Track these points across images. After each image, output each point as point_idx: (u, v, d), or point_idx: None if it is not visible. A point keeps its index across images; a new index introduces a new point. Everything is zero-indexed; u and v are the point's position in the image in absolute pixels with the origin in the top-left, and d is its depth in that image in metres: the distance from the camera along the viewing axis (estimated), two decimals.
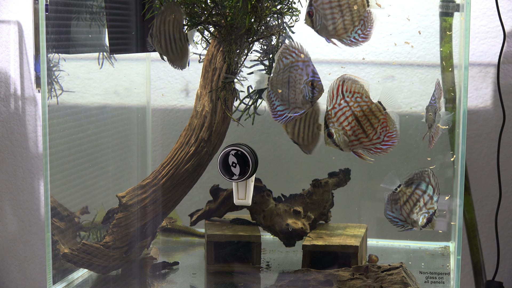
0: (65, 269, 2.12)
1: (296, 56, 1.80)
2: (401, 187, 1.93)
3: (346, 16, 1.76)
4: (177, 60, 1.92)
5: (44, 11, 1.96)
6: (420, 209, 1.90)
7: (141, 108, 2.54)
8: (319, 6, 1.76)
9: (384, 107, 1.79)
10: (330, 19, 1.77)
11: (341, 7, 1.76)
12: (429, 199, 1.90)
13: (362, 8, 1.77)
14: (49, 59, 2.06)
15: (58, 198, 2.13)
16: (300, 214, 2.22)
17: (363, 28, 1.78)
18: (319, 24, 1.77)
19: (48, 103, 2.02)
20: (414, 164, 2.27)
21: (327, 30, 1.77)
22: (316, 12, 1.76)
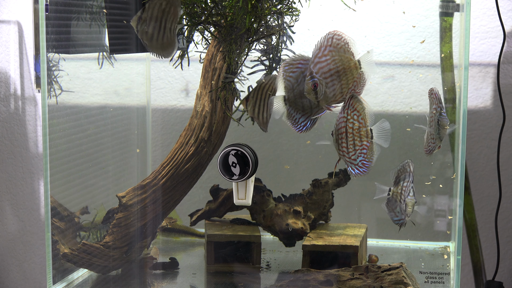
0: (65, 269, 2.12)
1: (303, 65, 1.82)
2: (391, 189, 1.94)
3: (343, 81, 1.81)
4: (159, 49, 1.90)
5: (44, 11, 1.96)
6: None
7: (141, 108, 2.54)
8: (321, 76, 1.81)
9: (372, 135, 1.86)
10: (331, 86, 1.81)
11: (339, 73, 1.81)
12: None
13: (355, 70, 1.82)
14: (49, 59, 2.06)
15: (58, 198, 2.13)
16: (300, 214, 2.22)
17: (356, 89, 1.84)
18: (321, 94, 1.81)
19: (48, 103, 2.02)
20: (414, 164, 2.27)
21: (328, 97, 1.82)
22: (319, 83, 1.81)
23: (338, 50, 1.81)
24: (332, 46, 1.81)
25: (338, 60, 1.81)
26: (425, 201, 2.29)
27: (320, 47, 1.80)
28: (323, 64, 1.80)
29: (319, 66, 1.80)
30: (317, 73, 1.80)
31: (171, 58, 1.95)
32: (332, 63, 1.81)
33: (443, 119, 1.94)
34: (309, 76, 1.81)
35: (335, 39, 1.81)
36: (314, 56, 1.81)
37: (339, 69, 1.81)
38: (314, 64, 1.80)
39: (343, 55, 1.82)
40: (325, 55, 1.81)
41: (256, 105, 1.93)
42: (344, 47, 1.81)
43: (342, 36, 1.81)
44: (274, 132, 2.49)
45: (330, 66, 1.80)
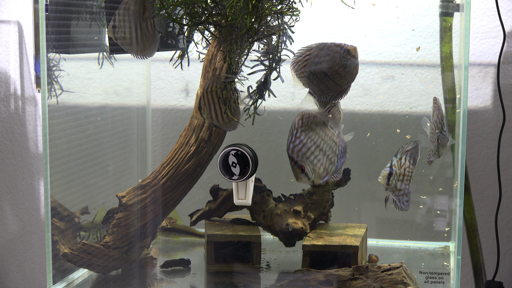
0: (65, 269, 2.12)
1: (312, 53, 1.85)
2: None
3: (328, 152, 1.85)
4: (142, 49, 1.90)
5: (44, 11, 1.96)
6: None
7: (141, 108, 2.54)
8: (302, 158, 1.83)
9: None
10: (317, 163, 1.84)
11: (320, 147, 1.85)
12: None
13: (334, 137, 1.87)
14: (49, 59, 2.06)
15: (58, 198, 2.13)
16: (300, 214, 2.22)
17: (342, 150, 1.89)
18: (311, 173, 1.84)
19: (48, 103, 2.02)
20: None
21: (320, 174, 1.85)
22: (305, 165, 1.83)
23: (310, 127, 1.84)
24: (303, 126, 1.84)
25: (314, 135, 1.84)
26: (425, 201, 2.29)
27: (292, 132, 1.83)
28: (299, 147, 1.83)
29: (297, 150, 1.82)
30: (297, 157, 1.83)
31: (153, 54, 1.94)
32: (308, 141, 1.83)
33: (443, 138, 1.96)
34: (292, 163, 1.83)
35: (304, 119, 1.84)
36: (288, 142, 1.83)
37: (318, 144, 1.84)
38: (292, 150, 1.82)
39: (316, 128, 1.85)
40: (298, 137, 1.83)
41: (211, 110, 1.93)
42: (315, 120, 1.85)
43: (310, 113, 1.84)
44: (274, 132, 2.49)
45: (308, 145, 1.83)
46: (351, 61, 1.84)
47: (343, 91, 1.88)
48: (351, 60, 1.84)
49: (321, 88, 1.86)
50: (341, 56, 1.84)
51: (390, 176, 1.88)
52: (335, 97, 1.89)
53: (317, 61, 1.85)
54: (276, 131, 2.47)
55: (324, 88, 1.86)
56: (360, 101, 2.35)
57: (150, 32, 1.89)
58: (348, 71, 1.85)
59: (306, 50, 1.86)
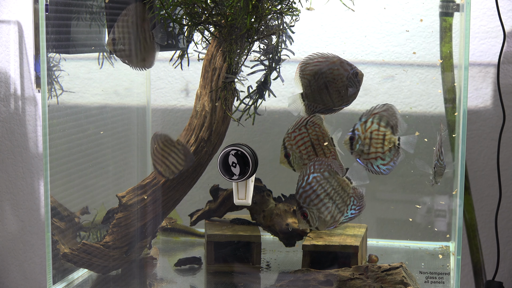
0: (65, 269, 2.12)
1: (324, 61, 1.85)
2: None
3: (337, 201, 1.86)
4: (141, 61, 1.91)
5: (44, 11, 1.96)
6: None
7: (141, 108, 2.54)
8: (309, 204, 1.85)
9: (334, 144, 1.93)
10: (325, 211, 1.85)
11: (330, 196, 1.85)
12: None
13: (348, 187, 1.87)
14: (49, 59, 2.06)
15: (58, 198, 2.13)
16: None
17: (355, 202, 1.88)
18: (315, 221, 1.86)
19: (48, 103, 2.02)
20: (414, 164, 2.27)
21: (325, 222, 1.86)
22: (310, 212, 1.85)
23: (323, 174, 1.85)
24: (315, 172, 1.85)
25: (325, 183, 1.85)
26: (425, 201, 2.29)
27: (303, 177, 1.85)
28: (309, 193, 1.85)
29: (305, 196, 1.84)
30: (304, 203, 1.84)
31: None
32: (318, 188, 1.84)
33: (440, 167, 1.96)
34: (297, 207, 1.85)
35: (317, 165, 1.86)
36: (298, 186, 1.85)
37: (328, 192, 1.85)
38: (300, 195, 1.84)
39: (329, 177, 1.86)
40: (309, 183, 1.85)
41: (165, 162, 1.96)
42: (328, 168, 1.86)
43: (324, 161, 1.86)
44: (274, 132, 2.49)
45: (317, 192, 1.84)
46: (354, 84, 1.84)
47: (333, 110, 1.88)
48: (355, 84, 1.84)
49: (315, 96, 1.86)
50: (348, 76, 1.84)
51: (352, 141, 1.85)
52: (324, 111, 1.89)
53: (325, 70, 1.85)
54: (276, 131, 2.47)
55: (319, 98, 1.87)
56: (360, 101, 2.35)
57: (149, 44, 1.89)
58: (348, 93, 1.84)
59: (320, 56, 1.86)
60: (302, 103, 1.88)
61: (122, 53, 1.90)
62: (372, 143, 1.84)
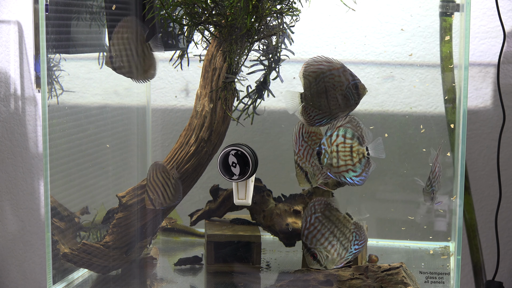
0: (65, 269, 2.12)
1: (327, 66, 1.84)
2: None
3: (341, 238, 1.91)
4: (143, 73, 1.92)
5: (44, 11, 1.96)
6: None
7: (141, 108, 2.54)
8: (316, 245, 1.90)
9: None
10: (331, 249, 1.90)
11: (334, 234, 1.90)
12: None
13: (348, 223, 1.91)
14: (49, 59, 2.06)
15: (58, 198, 2.13)
16: (300, 214, 2.22)
17: (357, 237, 1.92)
18: (324, 260, 1.90)
19: (48, 103, 2.02)
20: (414, 164, 2.27)
21: (333, 260, 1.91)
22: (318, 252, 1.90)
23: (324, 213, 1.90)
24: (316, 212, 1.90)
25: (327, 221, 1.90)
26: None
27: (306, 218, 1.89)
28: (314, 233, 1.90)
29: (311, 236, 1.89)
30: (311, 244, 1.89)
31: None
32: (322, 228, 1.90)
33: (426, 193, 1.99)
34: (305, 249, 1.90)
35: (317, 206, 1.90)
36: (303, 228, 1.90)
37: (331, 230, 1.90)
38: (306, 237, 1.89)
39: (330, 215, 1.91)
40: (312, 224, 1.89)
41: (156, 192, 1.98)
42: (328, 207, 1.91)
43: (323, 200, 1.90)
44: (274, 132, 2.49)
45: (322, 232, 1.89)
46: (353, 96, 1.83)
47: (330, 118, 1.87)
48: (354, 95, 1.83)
49: (314, 100, 1.86)
50: (348, 85, 1.83)
51: (319, 155, 1.86)
52: (319, 118, 1.88)
53: (327, 74, 1.84)
54: (276, 131, 2.47)
55: (317, 103, 1.86)
56: (360, 101, 2.35)
57: (148, 55, 1.89)
58: (345, 103, 1.84)
59: (325, 60, 1.85)
60: (299, 103, 1.88)
61: (122, 70, 1.92)
62: (340, 156, 1.85)
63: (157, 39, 1.90)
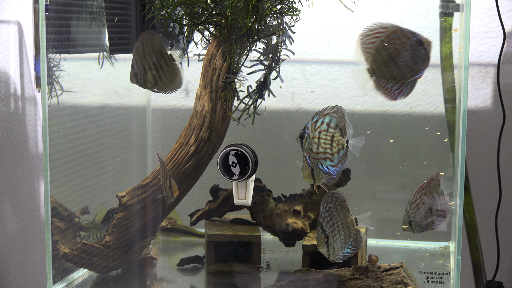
0: (65, 269, 2.12)
1: (383, 32, 1.80)
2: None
3: (341, 236, 1.95)
4: (169, 84, 1.92)
5: (44, 11, 1.96)
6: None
7: (141, 108, 2.54)
8: (329, 230, 1.94)
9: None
10: (336, 240, 1.95)
11: (338, 229, 1.95)
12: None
13: (352, 227, 1.95)
14: (49, 59, 2.06)
15: (58, 198, 2.13)
16: (300, 214, 2.22)
17: (353, 243, 1.96)
18: (331, 248, 1.94)
19: (48, 103, 2.02)
20: (414, 164, 2.27)
21: (334, 252, 1.94)
22: (331, 237, 1.94)
23: (336, 208, 1.95)
24: (331, 203, 1.95)
25: (337, 216, 1.95)
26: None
27: (323, 204, 1.94)
28: (328, 219, 1.94)
29: (326, 220, 1.94)
30: (326, 226, 1.94)
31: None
32: (332, 219, 1.95)
33: (410, 228, 2.02)
34: (320, 230, 1.93)
35: (334, 198, 1.94)
36: (321, 211, 1.94)
37: (338, 224, 1.95)
38: (323, 219, 1.94)
39: (340, 211, 1.95)
40: (327, 210, 1.94)
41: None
42: (342, 204, 1.95)
43: (340, 195, 1.95)
44: (274, 132, 2.49)
45: (333, 221, 1.94)
46: (420, 52, 1.78)
47: (409, 84, 1.81)
48: (420, 51, 1.78)
49: (383, 71, 1.79)
50: (411, 43, 1.78)
51: (302, 139, 1.87)
52: (398, 87, 1.82)
53: (387, 41, 1.78)
54: (276, 131, 2.47)
55: (387, 72, 1.79)
56: (360, 101, 2.35)
57: (171, 66, 1.89)
58: (415, 62, 1.78)
59: (379, 27, 1.79)
60: (370, 78, 1.81)
61: (148, 84, 1.91)
62: (321, 143, 1.86)
63: (178, 48, 1.90)
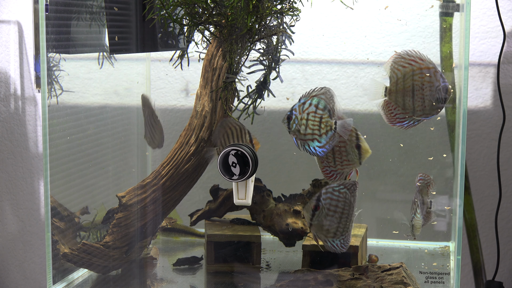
0: (65, 269, 2.12)
1: (418, 63, 1.82)
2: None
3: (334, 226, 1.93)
4: (157, 141, 2.09)
5: (44, 11, 1.96)
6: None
7: (141, 108, 2.53)
8: (324, 205, 1.92)
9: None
10: (326, 222, 1.93)
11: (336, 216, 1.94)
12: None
13: (349, 223, 1.94)
14: (49, 59, 2.06)
15: (58, 198, 2.13)
16: (300, 214, 2.22)
17: (344, 240, 1.95)
18: (315, 220, 1.93)
19: (48, 103, 2.02)
20: (414, 164, 2.27)
21: (319, 228, 1.94)
22: (320, 210, 1.93)
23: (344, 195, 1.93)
24: (345, 188, 1.93)
25: (342, 203, 1.93)
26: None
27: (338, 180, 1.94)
28: (329, 195, 1.93)
29: (327, 196, 1.92)
30: (324, 200, 1.92)
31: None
32: (336, 201, 1.94)
33: (417, 220, 1.98)
34: (316, 198, 1.92)
35: (349, 185, 1.92)
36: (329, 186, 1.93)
37: (337, 212, 1.94)
38: (326, 190, 1.92)
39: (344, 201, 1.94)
40: (336, 190, 1.93)
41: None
42: (352, 190, 1.93)
43: (353, 182, 1.93)
44: (274, 132, 2.49)
45: (334, 203, 1.93)
46: (441, 98, 1.80)
47: (412, 120, 1.83)
48: (441, 98, 1.80)
49: (398, 97, 1.80)
50: (438, 87, 1.80)
51: (289, 120, 1.88)
52: (401, 117, 1.84)
53: (417, 72, 1.81)
54: (276, 131, 2.47)
55: (401, 100, 1.81)
56: (360, 101, 2.35)
57: (159, 124, 2.07)
58: (431, 105, 1.80)
59: (417, 56, 1.82)
60: (382, 97, 1.83)
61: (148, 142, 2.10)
62: (309, 124, 1.87)
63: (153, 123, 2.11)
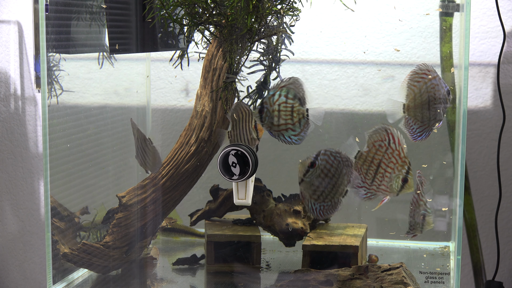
0: (65, 269, 2.12)
1: (427, 75, 1.85)
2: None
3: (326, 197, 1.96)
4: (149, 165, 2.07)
5: (44, 11, 1.96)
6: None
7: (141, 108, 2.54)
8: (325, 166, 1.94)
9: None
10: (320, 186, 1.96)
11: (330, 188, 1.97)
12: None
13: (339, 195, 1.98)
14: (49, 59, 2.06)
15: (58, 198, 2.13)
16: (300, 214, 2.22)
17: (325, 207, 1.98)
18: (308, 178, 1.96)
19: (48, 103, 2.02)
20: (414, 164, 2.27)
21: (312, 189, 1.97)
22: (315, 168, 1.95)
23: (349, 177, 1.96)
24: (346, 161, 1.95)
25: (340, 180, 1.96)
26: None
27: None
28: (331, 161, 1.95)
29: (330, 159, 1.94)
30: (322, 160, 1.93)
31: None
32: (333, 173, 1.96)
33: (429, 216, 1.98)
34: (315, 156, 1.93)
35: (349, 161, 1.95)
36: (335, 151, 1.94)
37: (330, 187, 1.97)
38: (331, 153, 1.94)
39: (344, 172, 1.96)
40: (344, 160, 1.95)
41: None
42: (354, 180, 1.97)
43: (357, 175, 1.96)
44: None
45: (332, 173, 1.96)
46: (446, 102, 1.84)
47: (427, 130, 1.86)
48: (447, 101, 1.84)
49: (416, 111, 1.83)
50: (444, 93, 1.83)
51: (261, 114, 1.89)
52: (420, 132, 1.86)
53: (429, 85, 1.83)
54: None
55: (419, 114, 1.84)
56: (360, 101, 2.35)
57: (151, 149, 2.04)
58: (440, 112, 1.83)
59: (426, 68, 1.85)
60: (402, 114, 1.86)
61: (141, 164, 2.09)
62: (281, 115, 1.89)
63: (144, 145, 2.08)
